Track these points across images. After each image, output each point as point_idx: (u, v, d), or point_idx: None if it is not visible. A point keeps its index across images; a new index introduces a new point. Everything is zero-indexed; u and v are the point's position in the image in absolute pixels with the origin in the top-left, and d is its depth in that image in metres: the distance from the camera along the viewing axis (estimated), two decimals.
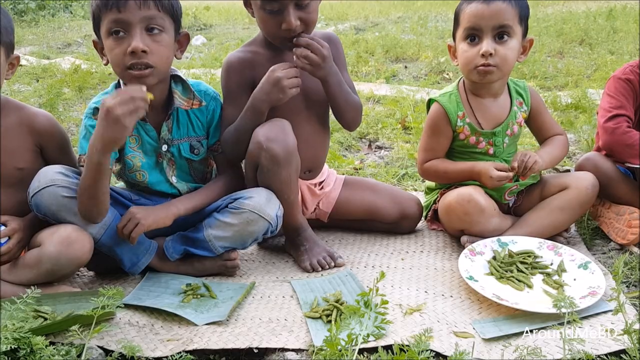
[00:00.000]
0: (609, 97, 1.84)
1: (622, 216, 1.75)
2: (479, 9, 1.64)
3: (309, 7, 1.57)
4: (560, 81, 4.03)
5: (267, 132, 1.56)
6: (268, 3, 1.54)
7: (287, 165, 1.58)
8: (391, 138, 2.96)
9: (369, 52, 5.56)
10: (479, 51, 1.65)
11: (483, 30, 1.65)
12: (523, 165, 1.67)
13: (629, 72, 1.85)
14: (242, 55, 1.71)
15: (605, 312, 1.38)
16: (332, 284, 1.57)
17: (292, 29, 1.55)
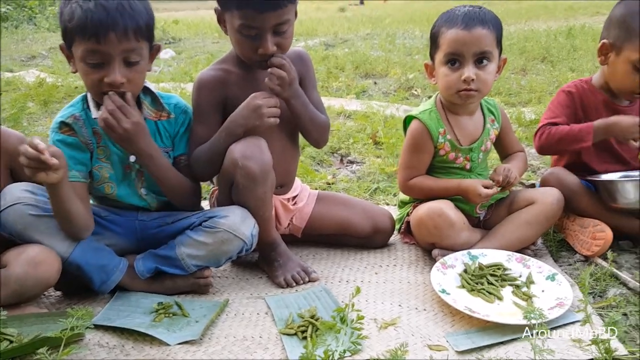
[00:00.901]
0: (547, 109, 1.95)
1: (587, 229, 1.81)
2: (460, 35, 1.68)
3: (286, 33, 1.59)
4: (524, 97, 4.14)
5: (243, 150, 1.56)
6: (246, 29, 1.55)
7: (263, 183, 1.59)
8: (362, 153, 2.99)
9: (339, 68, 5.61)
10: (461, 76, 1.69)
11: (464, 56, 1.69)
12: (507, 179, 1.74)
13: (572, 85, 1.95)
14: (214, 73, 1.71)
15: (573, 322, 1.42)
16: (307, 300, 1.57)
17: (269, 54, 1.57)
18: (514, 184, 1.77)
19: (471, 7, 1.74)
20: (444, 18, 1.75)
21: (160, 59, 6.73)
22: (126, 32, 1.42)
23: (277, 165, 1.67)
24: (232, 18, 1.57)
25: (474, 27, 1.67)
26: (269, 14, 1.51)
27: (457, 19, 1.70)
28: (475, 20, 1.68)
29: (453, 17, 1.71)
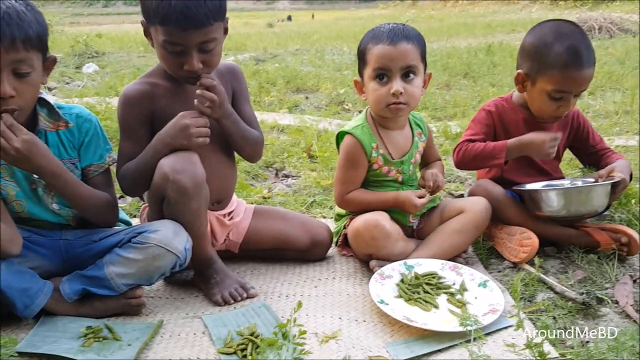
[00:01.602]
0: (468, 127, 2.04)
1: (514, 236, 1.89)
2: (387, 50, 1.72)
3: (213, 51, 1.56)
4: (449, 112, 4.30)
5: (173, 164, 1.51)
6: (170, 45, 1.51)
7: (196, 197, 1.55)
8: (297, 167, 2.99)
9: (271, 83, 5.62)
10: (390, 90, 1.73)
11: (392, 71, 1.73)
12: (436, 183, 1.82)
13: (492, 104, 2.04)
14: (140, 87, 1.65)
15: (506, 327, 1.47)
16: (246, 317, 1.54)
17: (194, 71, 1.54)
18: (442, 187, 1.86)
19: (395, 24, 1.80)
20: (370, 35, 1.80)
21: (83, 73, 6.48)
22: (14, 42, 1.34)
23: (213, 181, 1.64)
24: (156, 33, 1.53)
25: (399, 42, 1.72)
26: (192, 32, 1.48)
27: (382, 35, 1.75)
28: (400, 36, 1.73)
29: (379, 33, 1.77)
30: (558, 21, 1.95)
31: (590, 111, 4.16)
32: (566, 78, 1.83)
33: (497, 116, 2.01)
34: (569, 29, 1.87)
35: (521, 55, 1.96)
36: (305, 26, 16.88)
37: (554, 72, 1.83)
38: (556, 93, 1.86)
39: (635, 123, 3.70)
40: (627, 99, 4.32)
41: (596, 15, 10.23)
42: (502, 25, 12.56)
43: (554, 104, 1.89)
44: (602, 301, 1.61)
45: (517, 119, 2.01)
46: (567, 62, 1.81)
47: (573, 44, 1.82)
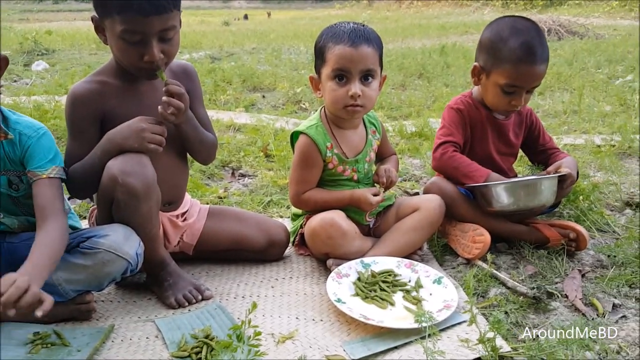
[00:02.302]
0: (442, 126, 2.05)
1: (467, 233, 1.93)
2: (348, 52, 1.71)
3: (172, 40, 1.53)
4: (404, 111, 4.35)
5: (122, 166, 1.46)
6: (129, 34, 1.46)
7: (147, 199, 1.50)
8: (254, 166, 2.96)
9: (226, 81, 5.55)
10: (348, 92, 1.73)
11: (351, 73, 1.73)
12: (389, 179, 1.84)
13: (459, 102, 2.06)
14: (89, 86, 1.59)
15: (460, 323, 1.49)
16: (201, 319, 1.51)
17: (155, 61, 1.49)
18: (395, 182, 1.89)
19: (355, 25, 1.79)
20: (330, 33, 1.78)
21: (32, 70, 6.26)
22: None
23: (164, 182, 1.60)
24: (113, 24, 1.46)
25: (360, 45, 1.72)
26: (154, 19, 1.44)
27: (343, 35, 1.73)
28: (361, 38, 1.73)
29: (339, 33, 1.75)
30: (515, 17, 1.99)
31: (540, 111, 4.30)
32: (518, 73, 1.87)
33: (467, 114, 2.04)
34: (524, 25, 1.92)
35: (478, 49, 2.00)
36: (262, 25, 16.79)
37: (507, 66, 1.88)
38: (509, 87, 1.91)
39: (582, 122, 3.84)
40: (574, 99, 4.48)
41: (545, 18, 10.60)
42: (456, 26, 12.83)
43: (507, 98, 1.94)
44: (552, 295, 1.65)
45: (481, 117, 2.05)
46: (520, 57, 1.86)
47: (527, 40, 1.87)
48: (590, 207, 2.20)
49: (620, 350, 1.38)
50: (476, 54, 2.02)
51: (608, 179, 2.66)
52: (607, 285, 1.71)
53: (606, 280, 1.73)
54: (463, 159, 1.96)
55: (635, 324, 1.49)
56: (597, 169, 2.87)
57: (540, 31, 1.93)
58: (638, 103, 4.32)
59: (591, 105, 4.29)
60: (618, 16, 14.52)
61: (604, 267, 1.85)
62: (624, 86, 4.93)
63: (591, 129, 3.66)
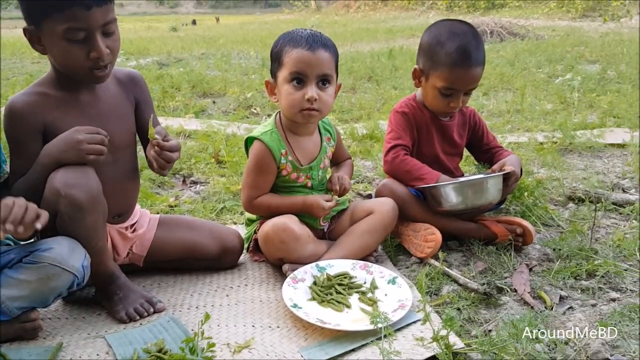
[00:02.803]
0: (390, 130, 2.08)
1: (419, 232, 1.96)
2: (306, 55, 1.72)
3: (114, 34, 1.50)
4: (355, 114, 4.39)
5: (65, 177, 1.41)
6: (73, 32, 1.41)
7: (92, 211, 1.45)
8: (206, 172, 2.92)
9: (175, 87, 5.46)
10: (304, 95, 1.73)
11: (308, 76, 1.73)
12: (342, 186, 1.86)
13: (404, 105, 2.10)
14: (28, 98, 1.52)
15: (415, 322, 1.51)
16: (153, 333, 1.47)
17: (103, 57, 1.46)
18: (349, 190, 1.90)
19: (312, 31, 1.80)
20: (287, 38, 1.78)
21: None
22: None
23: (114, 194, 1.56)
24: (53, 25, 1.41)
25: (317, 49, 1.73)
26: (96, 11, 1.41)
27: (301, 39, 1.74)
28: (319, 43, 1.74)
29: (297, 37, 1.75)
30: (453, 21, 2.05)
31: (485, 110, 4.42)
32: (454, 76, 1.93)
33: (412, 117, 2.08)
34: (461, 29, 1.97)
35: (418, 52, 2.05)
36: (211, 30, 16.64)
37: (444, 69, 1.93)
38: (446, 90, 1.96)
39: (525, 120, 3.98)
40: (517, 98, 4.64)
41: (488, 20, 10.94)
42: (402, 30, 13.07)
43: (445, 100, 1.99)
44: (502, 290, 1.70)
45: (425, 119, 2.09)
46: (456, 61, 1.91)
47: (463, 43, 1.92)
48: (535, 202, 2.28)
49: (568, 340, 1.43)
50: (417, 56, 2.07)
51: (551, 175, 2.76)
52: (554, 278, 1.77)
53: (553, 273, 1.79)
54: (414, 162, 1.99)
55: (582, 315, 1.55)
56: (540, 166, 2.98)
57: (477, 35, 1.99)
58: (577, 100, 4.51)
59: (533, 104, 4.45)
60: (556, 17, 15.14)
61: (550, 260, 1.91)
62: (564, 85, 5.13)
63: (534, 127, 3.79)
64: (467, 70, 1.92)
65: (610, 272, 1.78)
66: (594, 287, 1.70)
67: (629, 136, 3.33)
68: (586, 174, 2.81)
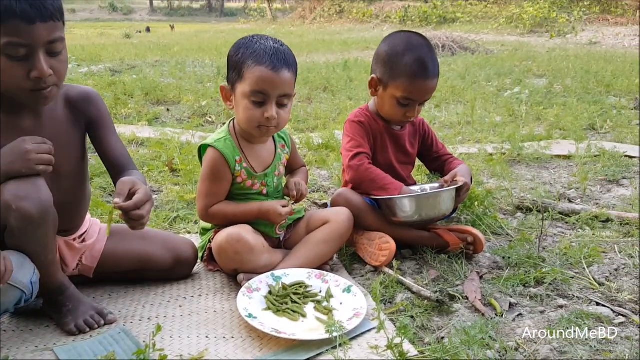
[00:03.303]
0: (348, 139, 2.10)
1: (374, 241, 1.98)
2: (269, 76, 1.69)
3: (60, 55, 1.40)
4: (311, 124, 4.41)
5: (15, 190, 1.35)
6: (13, 48, 1.31)
7: (42, 224, 1.39)
8: (159, 181, 2.87)
9: (128, 95, 5.35)
10: (264, 113, 1.73)
11: (270, 96, 1.72)
12: (300, 192, 1.87)
13: (359, 115, 2.14)
14: None
15: (370, 330, 1.52)
16: (104, 345, 1.43)
17: (45, 77, 1.35)
18: (306, 195, 1.92)
19: (276, 44, 1.76)
20: (250, 49, 1.73)
21: None
22: None
23: (62, 209, 1.49)
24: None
25: (281, 70, 1.71)
26: (40, 27, 1.30)
27: (265, 56, 1.70)
28: (282, 62, 1.72)
29: (261, 53, 1.71)
30: (409, 33, 2.09)
31: (437, 122, 4.52)
32: (413, 87, 1.98)
33: (368, 126, 2.11)
34: (418, 42, 2.03)
35: (375, 61, 2.08)
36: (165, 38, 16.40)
37: (403, 80, 1.97)
38: (404, 100, 2.00)
39: (475, 132, 4.09)
40: (468, 110, 4.77)
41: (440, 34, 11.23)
42: (357, 42, 13.23)
43: (402, 110, 2.03)
44: (454, 298, 1.73)
45: (379, 128, 2.13)
46: (415, 72, 1.96)
47: (421, 56, 1.97)
48: (485, 211, 2.34)
49: (518, 347, 1.47)
50: (372, 66, 2.10)
51: (500, 185, 2.84)
52: (504, 286, 1.82)
53: (502, 280, 1.84)
54: (378, 172, 2.02)
55: (531, 322, 1.60)
56: (490, 176, 3.07)
57: (431, 47, 2.05)
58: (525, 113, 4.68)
59: (483, 116, 4.58)
60: (505, 32, 15.68)
61: (500, 268, 1.97)
62: (512, 98, 5.32)
63: (483, 139, 3.90)
64: (425, 81, 1.98)
65: (557, 279, 1.84)
66: (542, 294, 1.76)
67: (574, 148, 3.46)
68: (534, 185, 2.91)
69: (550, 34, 14.43)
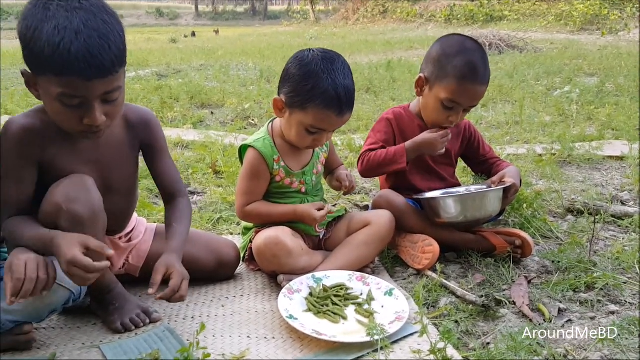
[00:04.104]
0: (368, 137, 2.11)
1: (416, 244, 1.95)
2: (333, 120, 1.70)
3: (116, 100, 1.37)
4: (352, 125, 4.39)
5: (67, 192, 1.38)
6: (68, 98, 1.28)
7: (92, 227, 1.41)
8: (203, 183, 2.92)
9: (174, 98, 5.48)
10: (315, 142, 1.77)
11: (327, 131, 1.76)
12: (351, 184, 1.91)
13: (390, 112, 2.12)
14: (30, 122, 1.42)
15: (412, 334, 1.50)
16: (149, 343, 1.46)
17: (97, 124, 1.34)
18: (355, 187, 1.93)
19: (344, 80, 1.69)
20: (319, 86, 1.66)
21: None
22: None
23: (112, 216, 1.52)
24: (48, 84, 1.27)
25: (346, 114, 1.72)
26: (97, 82, 1.26)
27: (334, 101, 1.67)
28: (348, 106, 1.71)
29: (331, 95, 1.66)
30: (464, 37, 2.05)
31: (484, 122, 4.43)
32: (461, 90, 1.92)
33: (395, 123, 2.08)
34: (472, 46, 1.98)
35: (426, 61, 2.05)
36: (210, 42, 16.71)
37: (451, 81, 1.93)
38: (449, 102, 1.95)
39: (524, 132, 3.98)
40: (516, 110, 4.65)
41: (487, 33, 11.01)
42: (401, 42, 13.13)
43: (445, 113, 1.98)
44: (500, 303, 1.68)
45: (413, 127, 2.09)
46: (465, 75, 1.91)
47: (473, 59, 1.92)
48: (534, 214, 2.27)
49: (567, 354, 1.42)
50: (422, 65, 2.06)
51: (550, 187, 2.76)
52: (553, 291, 1.76)
53: (551, 285, 1.78)
54: (378, 153, 2.00)
55: (581, 328, 1.54)
56: (539, 178, 2.98)
57: (485, 53, 1.99)
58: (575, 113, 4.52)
59: (532, 116, 4.45)
60: (555, 30, 15.25)
61: (549, 272, 1.90)
62: (562, 97, 5.15)
63: (532, 139, 3.79)
64: (473, 85, 1.92)
65: (609, 284, 1.77)
66: (592, 299, 1.69)
67: (627, 148, 3.33)
68: (585, 186, 2.81)
69: (602, 32, 13.92)
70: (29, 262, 1.28)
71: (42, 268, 1.30)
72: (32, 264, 1.29)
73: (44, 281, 1.29)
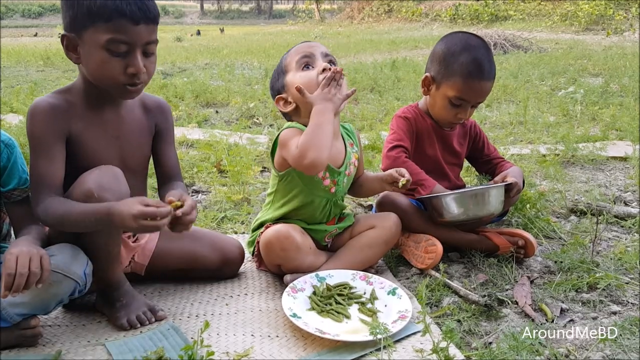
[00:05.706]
0: (392, 132, 2.09)
1: (420, 244, 1.95)
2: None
3: (153, 56, 1.51)
4: (357, 125, 4.40)
5: (99, 180, 1.42)
6: (116, 44, 1.41)
7: None
8: (207, 182, 2.93)
9: (179, 97, 5.50)
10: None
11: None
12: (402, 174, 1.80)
13: (407, 111, 2.12)
14: (55, 101, 1.50)
15: (415, 333, 1.51)
16: (154, 341, 1.47)
17: (139, 74, 1.45)
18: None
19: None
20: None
21: None
22: None
23: None
24: (96, 35, 1.40)
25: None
26: (142, 28, 1.41)
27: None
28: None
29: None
30: (468, 34, 2.06)
31: (488, 122, 4.43)
32: (467, 86, 1.94)
33: (414, 123, 2.09)
34: (476, 42, 1.99)
35: (431, 60, 2.05)
36: (215, 41, 16.73)
37: (457, 79, 1.94)
38: (456, 100, 1.97)
39: (528, 132, 3.98)
40: (520, 110, 4.64)
41: (491, 33, 10.98)
42: (406, 42, 13.11)
43: (453, 110, 2.00)
44: (502, 302, 1.69)
45: (427, 127, 2.10)
46: (471, 72, 1.92)
47: (478, 56, 1.94)
48: (537, 214, 2.27)
49: (569, 353, 1.43)
50: (427, 64, 2.07)
51: (553, 187, 2.76)
52: (555, 291, 1.76)
53: (554, 285, 1.79)
54: (414, 167, 1.99)
55: (582, 328, 1.54)
56: (542, 178, 2.98)
57: (489, 49, 2.01)
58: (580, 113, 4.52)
59: (536, 116, 4.45)
60: (560, 30, 15.20)
61: (551, 272, 1.91)
62: (567, 97, 5.14)
63: (536, 139, 3.79)
64: (480, 82, 1.94)
65: (611, 285, 1.77)
66: (595, 300, 1.70)
67: (631, 149, 3.33)
68: (588, 187, 2.81)
69: (607, 32, 13.87)
70: (21, 256, 1.30)
71: (34, 262, 1.31)
72: (24, 258, 1.30)
73: (36, 275, 1.30)
